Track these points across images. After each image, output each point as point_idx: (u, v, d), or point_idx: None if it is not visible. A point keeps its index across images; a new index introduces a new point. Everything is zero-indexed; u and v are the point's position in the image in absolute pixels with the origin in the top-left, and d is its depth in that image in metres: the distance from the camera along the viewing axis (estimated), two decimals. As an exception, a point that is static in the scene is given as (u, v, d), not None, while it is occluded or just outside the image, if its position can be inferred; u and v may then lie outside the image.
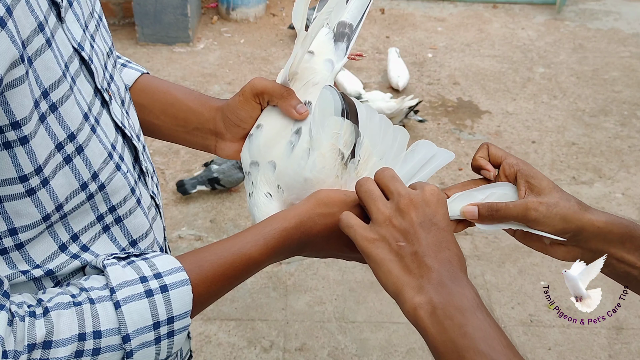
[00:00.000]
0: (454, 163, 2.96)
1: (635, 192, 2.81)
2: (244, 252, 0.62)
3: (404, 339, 2.10)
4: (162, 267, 0.58)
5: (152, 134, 0.83)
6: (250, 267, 0.63)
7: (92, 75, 0.60)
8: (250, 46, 3.97)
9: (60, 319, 0.52)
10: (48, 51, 0.51)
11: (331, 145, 0.66)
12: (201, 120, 0.78)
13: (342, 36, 0.74)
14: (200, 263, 0.60)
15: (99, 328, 0.53)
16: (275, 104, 0.72)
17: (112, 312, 0.54)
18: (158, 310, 0.55)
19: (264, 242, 0.63)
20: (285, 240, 0.64)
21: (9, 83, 0.47)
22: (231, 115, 0.75)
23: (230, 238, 0.64)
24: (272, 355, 2.03)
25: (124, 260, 0.58)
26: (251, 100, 0.73)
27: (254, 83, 0.73)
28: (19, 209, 0.53)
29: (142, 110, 0.80)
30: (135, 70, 0.82)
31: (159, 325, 0.56)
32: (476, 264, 2.40)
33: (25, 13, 0.49)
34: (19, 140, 0.49)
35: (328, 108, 0.67)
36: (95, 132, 0.58)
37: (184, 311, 0.57)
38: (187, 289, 0.57)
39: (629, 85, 3.67)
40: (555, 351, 2.07)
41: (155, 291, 0.56)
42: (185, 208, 2.63)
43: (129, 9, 4.01)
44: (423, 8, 4.59)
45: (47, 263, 0.56)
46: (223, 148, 0.78)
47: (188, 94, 0.80)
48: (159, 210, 0.74)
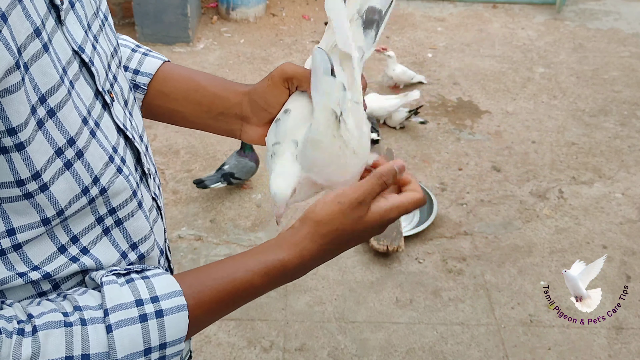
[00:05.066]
0: (454, 163, 2.97)
1: (635, 192, 2.81)
2: (246, 280, 0.61)
3: (403, 339, 2.10)
4: (160, 290, 0.56)
5: (176, 121, 0.83)
6: (250, 295, 0.63)
7: (93, 78, 0.59)
8: (250, 46, 3.97)
9: (49, 339, 0.51)
10: (45, 56, 0.51)
11: (323, 105, 0.66)
12: (227, 106, 0.78)
13: (371, 23, 0.72)
14: (200, 288, 0.59)
15: (87, 352, 0.52)
16: (304, 89, 0.72)
17: (103, 336, 0.53)
18: (150, 336, 0.54)
19: (265, 271, 0.62)
20: (286, 270, 0.63)
21: (4, 90, 0.47)
22: (259, 99, 0.75)
23: (234, 261, 0.63)
24: (272, 355, 2.03)
25: (123, 277, 0.57)
26: (280, 85, 0.73)
27: (283, 68, 0.72)
28: (18, 209, 0.52)
29: (165, 98, 0.80)
30: (156, 59, 0.82)
31: (150, 352, 0.55)
32: (476, 264, 2.40)
33: (20, 19, 0.48)
34: (15, 147, 0.49)
35: (319, 69, 0.66)
36: (94, 136, 0.57)
37: (178, 337, 0.56)
38: (184, 315, 0.56)
39: (629, 85, 3.67)
40: (555, 351, 2.07)
41: (150, 316, 0.54)
42: (185, 208, 2.63)
43: (129, 9, 4.01)
44: (423, 8, 4.59)
45: (46, 265, 0.56)
46: (248, 132, 0.78)
47: (212, 80, 0.80)
48: (160, 212, 0.74)
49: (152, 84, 0.80)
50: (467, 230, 2.57)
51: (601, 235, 2.56)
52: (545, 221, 2.63)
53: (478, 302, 2.24)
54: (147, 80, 0.80)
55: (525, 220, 2.63)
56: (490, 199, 2.75)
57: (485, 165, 2.96)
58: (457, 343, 2.09)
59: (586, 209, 2.70)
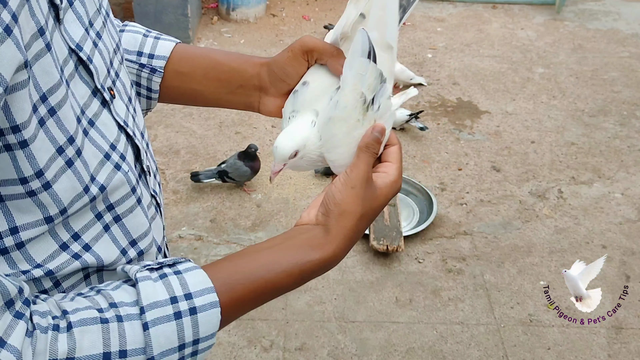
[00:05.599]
0: (454, 163, 2.97)
1: (634, 192, 2.82)
2: (278, 280, 0.62)
3: (403, 338, 2.10)
4: (193, 287, 0.57)
5: (194, 101, 0.83)
6: (280, 292, 0.64)
7: (91, 76, 0.60)
8: (250, 46, 3.98)
9: (85, 336, 0.51)
10: (47, 55, 0.51)
11: (354, 85, 0.66)
12: (245, 77, 0.79)
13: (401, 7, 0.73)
14: (233, 286, 0.60)
15: (125, 348, 0.52)
16: (324, 62, 0.73)
17: (140, 333, 0.53)
18: (185, 333, 0.55)
19: (299, 273, 0.63)
20: (320, 269, 0.64)
21: (11, 87, 0.47)
22: (278, 70, 0.75)
23: (267, 258, 0.63)
24: (272, 355, 2.03)
25: (156, 272, 0.57)
26: (300, 57, 0.73)
27: (304, 40, 0.73)
28: (21, 207, 0.53)
29: (183, 79, 0.80)
30: (169, 42, 0.83)
31: (184, 347, 0.56)
32: (476, 263, 2.41)
33: (27, 18, 0.49)
34: (18, 144, 0.49)
35: (356, 49, 0.66)
36: (87, 134, 0.58)
37: (211, 332, 0.57)
38: (216, 312, 0.57)
39: (628, 85, 3.68)
40: (554, 351, 2.07)
41: (184, 313, 0.55)
42: (185, 208, 2.64)
43: (129, 9, 4.02)
44: (422, 8, 4.59)
45: (48, 262, 0.56)
46: (266, 104, 0.79)
47: (227, 55, 0.81)
48: (159, 209, 0.74)
49: (168, 65, 0.81)
50: (467, 230, 2.57)
51: (601, 235, 2.56)
52: (544, 221, 2.63)
53: (478, 301, 2.25)
54: (163, 62, 0.80)
55: (524, 220, 2.63)
56: (489, 199, 2.76)
57: (485, 165, 2.97)
58: (456, 342, 2.10)
59: (586, 209, 2.71)
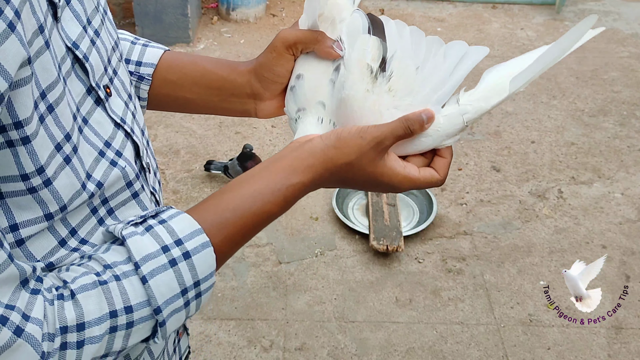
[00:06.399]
0: (454, 163, 2.97)
1: (634, 192, 2.82)
2: (265, 210, 0.63)
3: (403, 338, 2.10)
4: (181, 232, 0.58)
5: (187, 109, 0.83)
6: (268, 222, 0.65)
7: (87, 74, 0.60)
8: (250, 46, 3.98)
9: (89, 300, 0.52)
10: (46, 52, 0.52)
11: (358, 60, 0.67)
12: (236, 86, 0.78)
13: None
14: (222, 224, 0.61)
15: (129, 303, 0.54)
16: (310, 50, 0.72)
17: (140, 287, 0.54)
18: (184, 278, 0.56)
19: (283, 199, 0.64)
20: (301, 192, 0.65)
21: (15, 83, 0.48)
22: (267, 73, 0.75)
23: (251, 189, 0.63)
24: (272, 355, 2.03)
25: (141, 225, 0.58)
26: (284, 54, 0.73)
27: (284, 36, 0.72)
28: (21, 204, 0.53)
29: (173, 87, 0.80)
30: (157, 49, 0.82)
31: (186, 291, 0.57)
32: (475, 263, 2.41)
33: (28, 15, 0.49)
34: (20, 140, 0.50)
35: (356, 29, 0.68)
36: (82, 132, 0.58)
37: (209, 272, 0.58)
38: (210, 251, 0.58)
39: (628, 86, 3.68)
40: (554, 351, 2.07)
41: (179, 259, 0.56)
42: (186, 208, 2.62)
43: (129, 9, 4.02)
44: (422, 8, 4.59)
45: (48, 258, 0.57)
46: (263, 109, 0.78)
47: (215, 63, 0.80)
48: (158, 207, 0.74)
49: (156, 73, 0.80)
50: (467, 230, 2.57)
51: (600, 235, 2.57)
52: (544, 221, 2.63)
53: (477, 301, 2.25)
54: (151, 70, 0.80)
55: (524, 220, 2.63)
56: (489, 198, 2.76)
57: (485, 165, 2.97)
58: (456, 342, 2.10)
59: (585, 209, 2.71)
